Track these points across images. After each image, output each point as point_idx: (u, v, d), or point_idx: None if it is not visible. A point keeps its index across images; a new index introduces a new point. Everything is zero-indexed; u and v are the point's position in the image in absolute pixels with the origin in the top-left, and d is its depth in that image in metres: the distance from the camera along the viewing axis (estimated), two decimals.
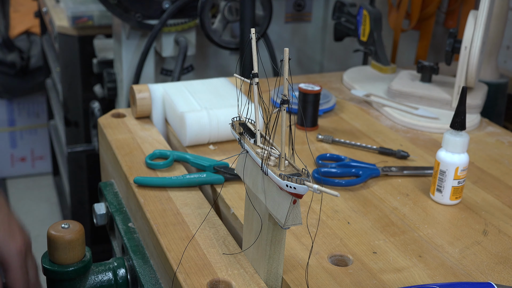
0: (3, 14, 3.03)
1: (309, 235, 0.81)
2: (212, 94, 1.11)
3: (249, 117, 0.72)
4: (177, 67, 1.56)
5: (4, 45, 2.91)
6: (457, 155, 0.89)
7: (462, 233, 0.84)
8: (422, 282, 0.74)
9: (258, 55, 0.66)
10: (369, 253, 0.79)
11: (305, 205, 0.86)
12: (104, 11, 1.86)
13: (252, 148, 0.68)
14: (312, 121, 1.14)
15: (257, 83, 0.67)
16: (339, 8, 1.51)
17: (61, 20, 1.95)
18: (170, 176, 0.91)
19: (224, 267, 0.73)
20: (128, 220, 0.93)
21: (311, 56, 1.83)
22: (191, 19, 1.59)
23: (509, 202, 0.93)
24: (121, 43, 1.64)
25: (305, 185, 0.60)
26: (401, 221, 0.86)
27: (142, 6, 1.55)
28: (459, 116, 0.87)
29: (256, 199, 0.69)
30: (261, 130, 0.69)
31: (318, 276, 0.73)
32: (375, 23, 1.38)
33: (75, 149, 1.88)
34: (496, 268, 0.77)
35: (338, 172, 0.97)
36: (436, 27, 1.77)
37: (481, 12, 1.12)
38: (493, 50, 1.34)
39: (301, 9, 1.75)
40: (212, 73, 1.75)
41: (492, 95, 1.32)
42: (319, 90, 1.12)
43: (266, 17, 1.54)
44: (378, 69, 1.42)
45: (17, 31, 2.97)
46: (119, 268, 0.84)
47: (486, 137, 1.15)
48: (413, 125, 1.17)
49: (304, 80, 1.34)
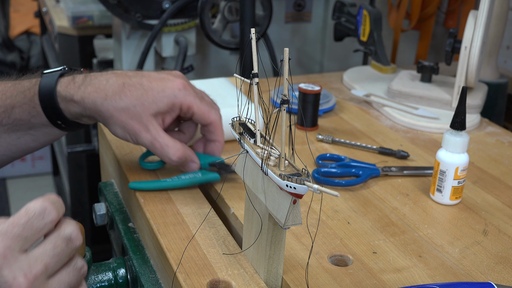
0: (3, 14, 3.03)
1: (309, 235, 0.81)
2: (212, 94, 1.11)
3: (249, 117, 0.72)
4: (177, 67, 1.56)
5: (4, 45, 2.91)
6: (457, 155, 0.89)
7: (462, 233, 0.84)
8: (422, 282, 0.74)
9: (258, 55, 0.66)
10: (369, 253, 0.79)
11: (305, 205, 0.86)
12: (104, 11, 1.86)
13: (252, 148, 0.68)
14: (312, 121, 1.14)
15: (257, 83, 0.67)
16: (339, 8, 1.51)
17: (61, 20, 1.95)
18: (167, 175, 0.91)
19: (224, 267, 0.73)
20: (128, 220, 0.93)
21: (311, 56, 1.83)
22: (191, 19, 1.59)
23: (509, 202, 0.93)
24: (121, 43, 1.64)
25: (305, 185, 0.60)
26: (401, 221, 0.86)
27: (142, 6, 1.55)
28: (459, 116, 0.87)
29: (256, 199, 0.69)
30: (261, 130, 0.69)
31: (318, 276, 0.73)
32: (375, 23, 1.38)
33: (75, 149, 1.88)
34: (496, 268, 0.77)
35: (338, 172, 0.97)
36: (436, 27, 1.77)
37: (481, 12, 1.12)
38: (493, 50, 1.34)
39: (301, 9, 1.75)
40: (212, 73, 1.75)
41: (492, 95, 1.32)
42: (319, 90, 1.12)
43: (266, 17, 1.54)
44: (378, 69, 1.42)
45: (17, 31, 2.98)
46: (119, 268, 0.84)
47: (486, 137, 1.15)
48: (413, 125, 1.17)
49: (304, 80, 1.34)
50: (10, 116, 0.86)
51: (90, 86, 0.84)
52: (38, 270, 0.59)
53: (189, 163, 0.88)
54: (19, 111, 0.85)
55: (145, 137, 0.84)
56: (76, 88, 0.84)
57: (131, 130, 0.84)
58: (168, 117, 0.86)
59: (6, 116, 0.86)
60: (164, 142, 0.84)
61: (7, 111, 0.86)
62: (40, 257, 0.60)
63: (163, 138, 0.84)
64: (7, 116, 0.86)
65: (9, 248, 0.58)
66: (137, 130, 0.84)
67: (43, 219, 0.61)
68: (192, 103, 0.86)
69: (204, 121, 0.88)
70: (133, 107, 0.83)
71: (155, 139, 0.84)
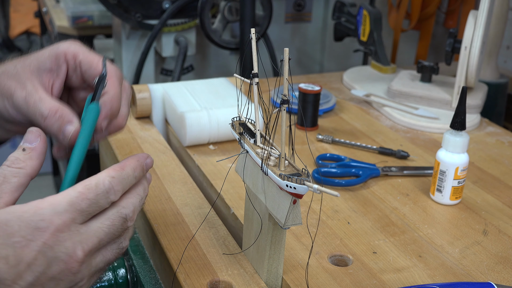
0: (3, 14, 3.03)
1: (309, 235, 0.81)
2: (212, 94, 1.11)
3: (249, 117, 0.72)
4: (177, 67, 1.56)
5: (4, 45, 2.91)
6: (457, 155, 0.89)
7: (462, 233, 0.84)
8: (422, 282, 0.74)
9: (258, 55, 0.66)
10: (369, 253, 0.79)
11: (305, 205, 0.86)
12: (104, 11, 1.86)
13: (252, 148, 0.68)
14: (312, 121, 1.14)
15: (257, 83, 0.67)
16: (339, 8, 1.51)
17: (61, 20, 1.95)
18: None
19: (224, 267, 0.73)
20: None
21: (311, 56, 1.83)
22: (191, 19, 1.59)
23: (509, 202, 0.93)
24: (121, 43, 1.64)
25: (305, 185, 0.60)
26: (401, 221, 0.86)
27: (142, 6, 1.55)
28: (459, 116, 0.87)
29: (256, 199, 0.69)
30: (261, 130, 0.69)
31: (318, 276, 0.73)
32: (375, 23, 1.38)
33: None
34: (496, 268, 0.77)
35: (338, 172, 0.97)
36: (436, 27, 1.77)
37: (481, 12, 1.12)
38: (493, 50, 1.34)
39: (301, 9, 1.75)
40: (212, 73, 1.75)
41: (492, 95, 1.32)
42: (319, 90, 1.12)
43: (266, 17, 1.54)
44: (378, 69, 1.42)
45: (17, 31, 2.98)
46: (119, 268, 0.84)
47: (486, 137, 1.15)
48: (413, 125, 1.17)
49: (304, 80, 1.34)
50: None
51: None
52: (93, 245, 0.59)
53: (65, 124, 0.68)
54: None
55: (20, 95, 0.69)
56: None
57: (7, 92, 0.70)
58: (57, 78, 0.72)
59: None
60: (39, 97, 0.69)
61: None
62: (97, 232, 0.60)
63: (40, 94, 0.69)
64: None
65: (74, 220, 0.58)
66: (12, 89, 0.70)
67: (108, 198, 0.60)
68: (78, 51, 0.72)
69: (93, 69, 0.71)
70: (13, 67, 0.71)
71: (30, 95, 0.69)
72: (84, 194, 0.59)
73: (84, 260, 0.58)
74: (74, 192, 0.59)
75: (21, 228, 0.56)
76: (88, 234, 0.59)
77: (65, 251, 0.57)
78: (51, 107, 0.68)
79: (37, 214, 0.57)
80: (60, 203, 0.58)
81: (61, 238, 0.57)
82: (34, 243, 0.56)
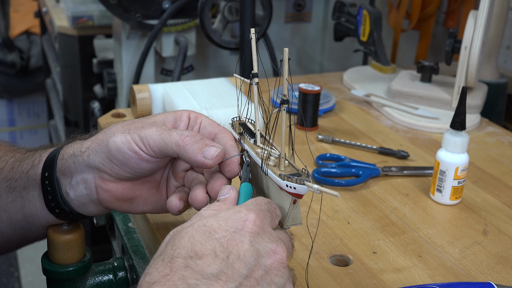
0: (3, 14, 3.03)
1: (309, 235, 0.81)
2: (212, 94, 1.11)
3: (249, 117, 0.72)
4: (177, 67, 1.56)
5: (4, 45, 2.91)
6: (457, 155, 0.89)
7: (462, 233, 0.84)
8: (422, 282, 0.74)
9: (258, 55, 0.66)
10: (369, 253, 0.79)
11: (305, 205, 0.86)
12: (104, 11, 1.86)
13: (252, 148, 0.68)
14: (312, 121, 1.14)
15: (257, 83, 0.67)
16: (339, 8, 1.51)
17: (61, 20, 1.95)
18: None
19: None
20: (128, 220, 0.93)
21: (311, 56, 1.83)
22: (191, 19, 1.59)
23: (509, 202, 0.93)
24: (121, 43, 1.64)
25: (305, 185, 0.60)
26: (401, 221, 0.86)
27: (142, 6, 1.55)
28: (459, 116, 0.87)
29: None
30: (261, 130, 0.69)
31: (318, 276, 0.73)
32: (375, 23, 1.38)
33: None
34: (496, 268, 0.77)
35: (338, 172, 0.97)
36: (436, 27, 1.77)
37: (481, 12, 1.12)
38: (493, 50, 1.34)
39: (301, 9, 1.75)
40: (212, 73, 1.75)
41: (492, 95, 1.32)
42: (319, 90, 1.12)
43: (266, 17, 1.54)
44: (378, 69, 1.42)
45: (17, 31, 2.97)
46: (119, 268, 0.84)
47: (486, 137, 1.15)
48: (413, 125, 1.17)
49: (304, 80, 1.34)
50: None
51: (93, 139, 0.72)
52: (288, 248, 0.59)
53: (208, 145, 0.67)
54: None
55: (149, 132, 0.68)
56: (79, 145, 0.72)
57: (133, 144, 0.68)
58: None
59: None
60: (172, 128, 0.69)
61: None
62: (287, 240, 0.60)
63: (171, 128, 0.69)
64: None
65: (265, 217, 0.59)
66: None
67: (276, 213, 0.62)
68: (199, 114, 0.73)
69: (212, 128, 0.72)
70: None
71: (161, 128, 0.68)
72: (264, 199, 0.61)
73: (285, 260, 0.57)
74: (254, 199, 0.61)
75: (220, 225, 0.55)
76: (284, 235, 0.60)
77: (270, 243, 0.56)
78: (190, 131, 0.67)
79: (230, 211, 0.57)
80: (246, 203, 0.59)
81: (261, 231, 0.56)
82: (238, 234, 0.55)
